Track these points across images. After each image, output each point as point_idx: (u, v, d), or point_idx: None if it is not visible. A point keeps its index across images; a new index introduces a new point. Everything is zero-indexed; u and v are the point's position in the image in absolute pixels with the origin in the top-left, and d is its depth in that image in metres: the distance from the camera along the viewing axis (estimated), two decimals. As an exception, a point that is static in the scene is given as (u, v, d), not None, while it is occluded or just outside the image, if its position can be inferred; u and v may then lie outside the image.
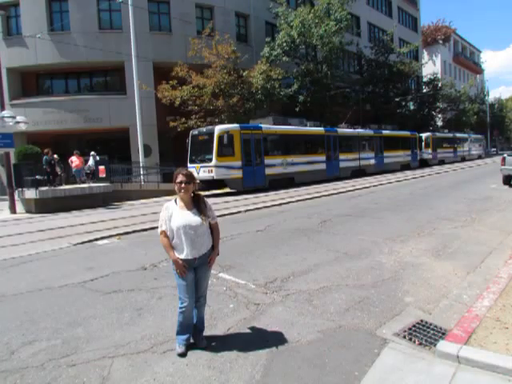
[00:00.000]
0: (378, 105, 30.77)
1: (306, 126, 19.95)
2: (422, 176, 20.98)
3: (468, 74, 58.83)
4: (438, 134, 32.02)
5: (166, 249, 3.03)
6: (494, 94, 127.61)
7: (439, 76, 40.21)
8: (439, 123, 41.71)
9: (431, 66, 44.44)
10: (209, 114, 19.58)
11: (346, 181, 19.60)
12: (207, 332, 3.38)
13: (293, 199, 12.87)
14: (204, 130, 15.95)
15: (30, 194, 13.31)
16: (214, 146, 14.78)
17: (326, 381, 2.70)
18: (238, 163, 15.34)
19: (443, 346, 2.96)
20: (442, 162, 31.74)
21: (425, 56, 46.05)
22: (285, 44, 23.10)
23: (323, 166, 19.79)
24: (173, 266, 3.03)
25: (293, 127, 18.57)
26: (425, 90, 37.27)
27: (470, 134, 39.82)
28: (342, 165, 21.14)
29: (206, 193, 15.31)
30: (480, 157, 41.24)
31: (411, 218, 8.66)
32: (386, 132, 25.59)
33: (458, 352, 2.83)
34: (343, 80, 27.32)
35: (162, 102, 19.81)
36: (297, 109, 22.04)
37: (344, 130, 22.02)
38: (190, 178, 2.99)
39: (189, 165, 15.67)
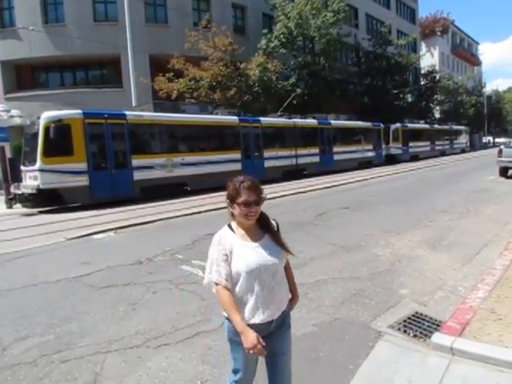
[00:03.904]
0: (376, 97, 30.61)
1: (213, 114, 16.13)
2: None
3: (466, 66, 58.58)
4: (410, 126, 28.43)
5: (227, 309, 1.80)
6: (492, 86, 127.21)
7: (437, 68, 39.95)
8: (437, 115, 41.56)
9: (429, 58, 44.14)
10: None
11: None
12: (201, 327, 3.37)
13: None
14: (34, 118, 11.68)
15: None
16: (40, 141, 10.75)
17: (319, 374, 2.70)
18: (81, 165, 11.17)
19: (437, 338, 2.96)
20: (415, 158, 27.95)
21: (423, 48, 45.77)
22: (282, 36, 22.90)
23: (238, 166, 15.49)
24: (230, 333, 1.89)
25: (185, 116, 14.41)
26: (423, 82, 37.10)
27: (452, 125, 36.98)
28: (269, 164, 16.85)
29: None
30: (463, 151, 37.74)
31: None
32: (336, 123, 21.47)
33: (452, 344, 2.83)
34: (341, 72, 27.12)
35: (159, 95, 19.63)
36: (294, 101, 21.87)
37: (271, 120, 17.85)
38: (260, 192, 1.85)
39: (22, 168, 11.97)
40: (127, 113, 12.82)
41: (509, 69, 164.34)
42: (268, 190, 13.06)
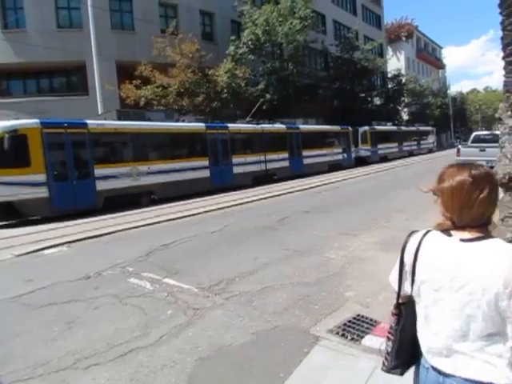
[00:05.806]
0: (345, 100, 31.24)
1: (179, 121, 16.18)
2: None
3: (431, 69, 60.87)
4: (378, 128, 28.95)
5: None
6: (457, 87, 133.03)
7: (403, 71, 41.25)
8: (405, 117, 42.85)
9: (396, 62, 45.57)
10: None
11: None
12: (137, 343, 3.27)
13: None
14: None
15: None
16: None
17: (248, 385, 2.66)
18: (40, 177, 10.72)
19: (368, 340, 2.99)
20: (384, 159, 28.52)
21: (389, 52, 47.23)
22: (250, 42, 23.02)
23: (206, 174, 15.48)
24: None
25: (150, 123, 14.20)
26: (390, 86, 38.21)
27: (419, 126, 37.79)
28: (238, 170, 16.79)
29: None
30: (431, 151, 38.86)
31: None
32: (305, 127, 21.57)
33: (381, 346, 2.85)
34: (310, 77, 27.56)
35: (127, 103, 19.28)
36: (264, 107, 22.00)
37: (239, 126, 17.93)
38: None
39: None
40: (88, 122, 12.47)
41: (472, 71, 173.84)
42: (237, 195, 13.10)
